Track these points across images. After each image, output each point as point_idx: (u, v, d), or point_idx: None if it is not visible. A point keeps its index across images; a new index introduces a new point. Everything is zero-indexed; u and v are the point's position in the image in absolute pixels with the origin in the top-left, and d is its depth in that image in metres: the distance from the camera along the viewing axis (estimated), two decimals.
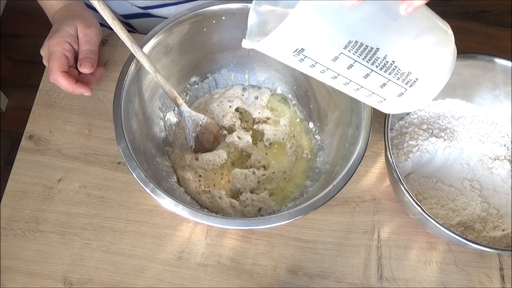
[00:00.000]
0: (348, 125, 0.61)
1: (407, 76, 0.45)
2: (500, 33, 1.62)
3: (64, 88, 0.61)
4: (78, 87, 0.61)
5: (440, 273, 0.62)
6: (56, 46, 0.61)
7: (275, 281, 0.61)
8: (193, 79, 0.70)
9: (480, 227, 0.60)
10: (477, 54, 0.63)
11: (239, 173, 0.65)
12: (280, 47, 0.42)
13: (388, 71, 0.44)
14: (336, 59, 0.42)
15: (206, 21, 0.63)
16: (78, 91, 0.61)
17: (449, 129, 0.66)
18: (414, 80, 0.45)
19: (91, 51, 0.63)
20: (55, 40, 0.61)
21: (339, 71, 0.44)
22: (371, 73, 0.44)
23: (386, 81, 0.45)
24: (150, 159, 0.61)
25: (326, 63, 0.43)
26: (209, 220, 0.51)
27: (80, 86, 0.61)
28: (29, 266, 0.61)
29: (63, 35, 0.62)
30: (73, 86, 0.60)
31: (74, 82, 0.60)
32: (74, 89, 0.61)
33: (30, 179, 0.65)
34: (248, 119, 0.70)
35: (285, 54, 0.43)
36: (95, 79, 0.65)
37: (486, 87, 0.66)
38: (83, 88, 0.61)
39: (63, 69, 0.60)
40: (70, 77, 0.60)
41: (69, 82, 0.60)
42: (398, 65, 0.44)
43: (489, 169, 0.64)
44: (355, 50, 0.41)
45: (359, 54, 0.42)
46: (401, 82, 0.45)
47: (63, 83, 0.60)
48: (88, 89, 0.62)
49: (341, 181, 0.53)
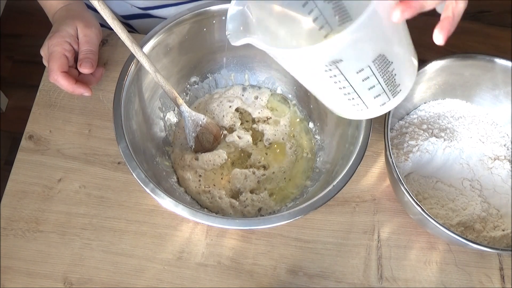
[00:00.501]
0: (348, 125, 0.61)
1: (396, 88, 0.45)
2: (500, 33, 1.62)
3: (64, 88, 0.61)
4: (78, 87, 0.61)
5: (440, 273, 0.62)
6: (56, 46, 0.61)
7: (275, 281, 0.61)
8: (193, 79, 0.70)
9: (480, 227, 0.60)
10: (477, 54, 0.63)
11: (239, 173, 0.65)
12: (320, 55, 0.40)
13: (388, 82, 0.44)
14: (361, 71, 0.41)
15: (206, 21, 0.63)
16: (78, 91, 0.61)
17: (449, 129, 0.66)
18: (398, 91, 0.45)
19: (91, 51, 0.63)
20: (55, 40, 0.61)
21: (354, 82, 0.43)
22: (376, 85, 0.43)
23: (382, 92, 0.44)
24: (150, 159, 0.61)
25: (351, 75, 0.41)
26: (209, 220, 0.51)
27: (80, 86, 0.61)
28: (29, 266, 0.61)
29: (63, 35, 0.62)
30: (73, 86, 0.60)
31: (74, 82, 0.60)
32: (74, 89, 0.61)
33: (30, 179, 0.65)
34: (248, 119, 0.70)
35: (318, 63, 0.40)
36: (95, 79, 0.65)
37: (486, 87, 0.66)
38: (83, 88, 0.61)
39: (63, 69, 0.60)
40: (70, 77, 0.60)
41: (69, 82, 0.60)
42: (397, 77, 0.44)
43: (489, 169, 0.64)
44: (379, 63, 0.41)
45: (380, 67, 0.41)
46: (390, 93, 0.45)
47: (63, 83, 0.60)
48: (88, 89, 0.62)
49: (341, 181, 0.53)
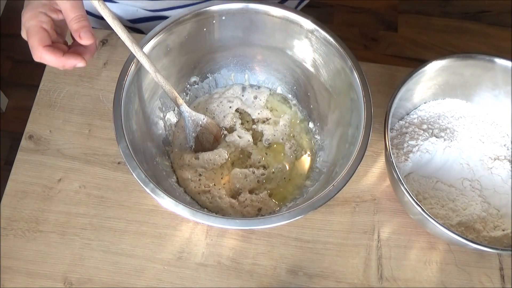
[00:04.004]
0: (348, 125, 0.61)
1: None
2: (500, 33, 1.62)
3: (52, 64, 0.52)
4: (67, 59, 0.52)
5: (440, 273, 0.62)
6: (30, 20, 0.52)
7: (275, 281, 0.61)
8: (193, 79, 0.70)
9: (480, 227, 0.60)
10: (477, 54, 0.63)
11: (239, 172, 0.65)
12: None
13: None
14: None
15: (206, 21, 0.63)
16: (69, 64, 0.52)
17: (449, 129, 0.66)
18: None
19: (83, 16, 0.52)
20: (27, 15, 0.52)
21: None
22: None
23: None
24: (150, 159, 0.61)
25: None
26: (209, 220, 0.51)
27: (69, 57, 0.52)
28: (29, 266, 0.61)
29: (35, 5, 0.53)
30: (61, 60, 0.52)
31: (61, 55, 0.52)
32: (64, 62, 0.52)
33: (30, 179, 0.65)
34: (248, 119, 0.70)
35: None
36: (89, 52, 0.55)
37: (486, 87, 0.66)
38: (74, 59, 0.52)
39: (44, 43, 0.51)
40: (55, 50, 0.51)
41: (56, 56, 0.51)
42: None
43: (489, 169, 0.64)
44: None
45: None
46: None
47: (49, 59, 0.51)
48: (81, 59, 0.53)
49: (341, 181, 0.53)
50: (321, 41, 0.61)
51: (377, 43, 1.60)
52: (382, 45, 1.60)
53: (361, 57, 0.61)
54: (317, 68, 0.65)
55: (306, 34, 0.62)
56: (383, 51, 1.59)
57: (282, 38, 0.65)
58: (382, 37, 1.61)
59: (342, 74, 0.61)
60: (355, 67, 0.58)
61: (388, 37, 1.61)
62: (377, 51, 1.59)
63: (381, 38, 1.61)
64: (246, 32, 0.65)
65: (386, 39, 1.61)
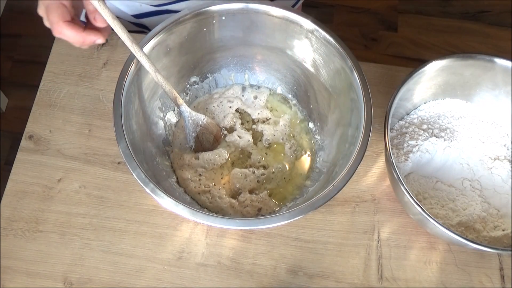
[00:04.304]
0: (348, 125, 0.61)
1: None
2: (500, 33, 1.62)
3: (72, 40, 0.53)
4: (88, 35, 0.53)
5: (440, 273, 0.62)
6: None
7: (275, 281, 0.61)
8: (193, 79, 0.70)
9: (480, 227, 0.60)
10: (477, 54, 0.63)
11: (239, 172, 0.65)
12: None
13: None
14: None
15: (206, 21, 0.63)
16: (89, 40, 0.53)
17: (449, 129, 0.66)
18: None
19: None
20: None
21: None
22: None
23: None
24: (150, 159, 0.61)
25: None
26: (209, 220, 0.51)
27: (90, 33, 0.53)
28: (29, 266, 0.61)
29: None
30: (82, 35, 0.52)
31: (82, 30, 0.52)
32: (84, 38, 0.53)
33: (30, 179, 0.65)
34: (248, 119, 0.70)
35: None
36: (105, 31, 0.56)
37: (486, 87, 0.66)
38: (94, 35, 0.53)
39: (65, 18, 0.52)
40: (76, 25, 0.52)
41: (77, 31, 0.52)
42: None
43: (489, 169, 0.64)
44: None
45: None
46: None
47: (69, 34, 0.52)
48: (100, 35, 0.53)
49: (341, 181, 0.53)
50: (321, 41, 0.61)
51: (377, 43, 1.60)
52: (382, 45, 1.60)
53: (361, 57, 0.61)
54: (317, 68, 0.65)
55: (306, 34, 0.62)
56: (383, 51, 1.59)
57: (282, 38, 0.65)
58: (382, 37, 1.61)
59: (342, 74, 0.61)
60: (355, 67, 0.58)
61: (388, 37, 1.61)
62: (377, 51, 1.59)
63: (381, 38, 1.61)
64: (246, 32, 0.65)
65: (386, 39, 1.61)
